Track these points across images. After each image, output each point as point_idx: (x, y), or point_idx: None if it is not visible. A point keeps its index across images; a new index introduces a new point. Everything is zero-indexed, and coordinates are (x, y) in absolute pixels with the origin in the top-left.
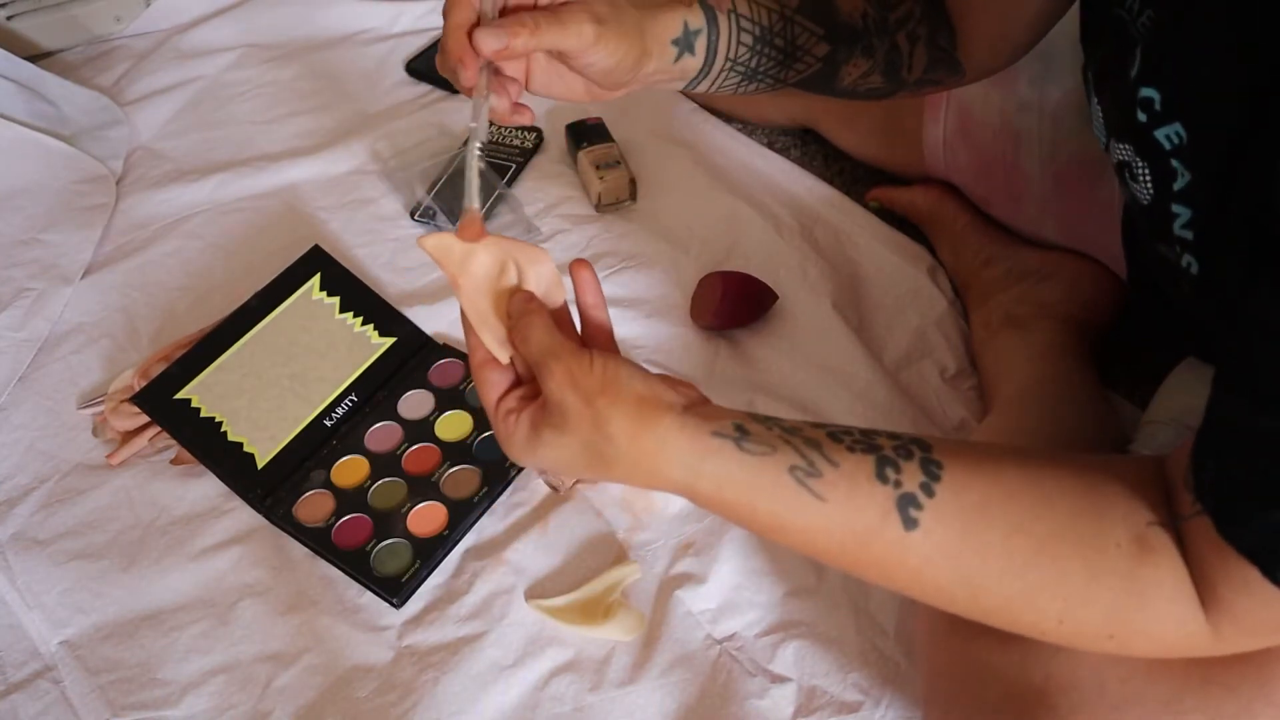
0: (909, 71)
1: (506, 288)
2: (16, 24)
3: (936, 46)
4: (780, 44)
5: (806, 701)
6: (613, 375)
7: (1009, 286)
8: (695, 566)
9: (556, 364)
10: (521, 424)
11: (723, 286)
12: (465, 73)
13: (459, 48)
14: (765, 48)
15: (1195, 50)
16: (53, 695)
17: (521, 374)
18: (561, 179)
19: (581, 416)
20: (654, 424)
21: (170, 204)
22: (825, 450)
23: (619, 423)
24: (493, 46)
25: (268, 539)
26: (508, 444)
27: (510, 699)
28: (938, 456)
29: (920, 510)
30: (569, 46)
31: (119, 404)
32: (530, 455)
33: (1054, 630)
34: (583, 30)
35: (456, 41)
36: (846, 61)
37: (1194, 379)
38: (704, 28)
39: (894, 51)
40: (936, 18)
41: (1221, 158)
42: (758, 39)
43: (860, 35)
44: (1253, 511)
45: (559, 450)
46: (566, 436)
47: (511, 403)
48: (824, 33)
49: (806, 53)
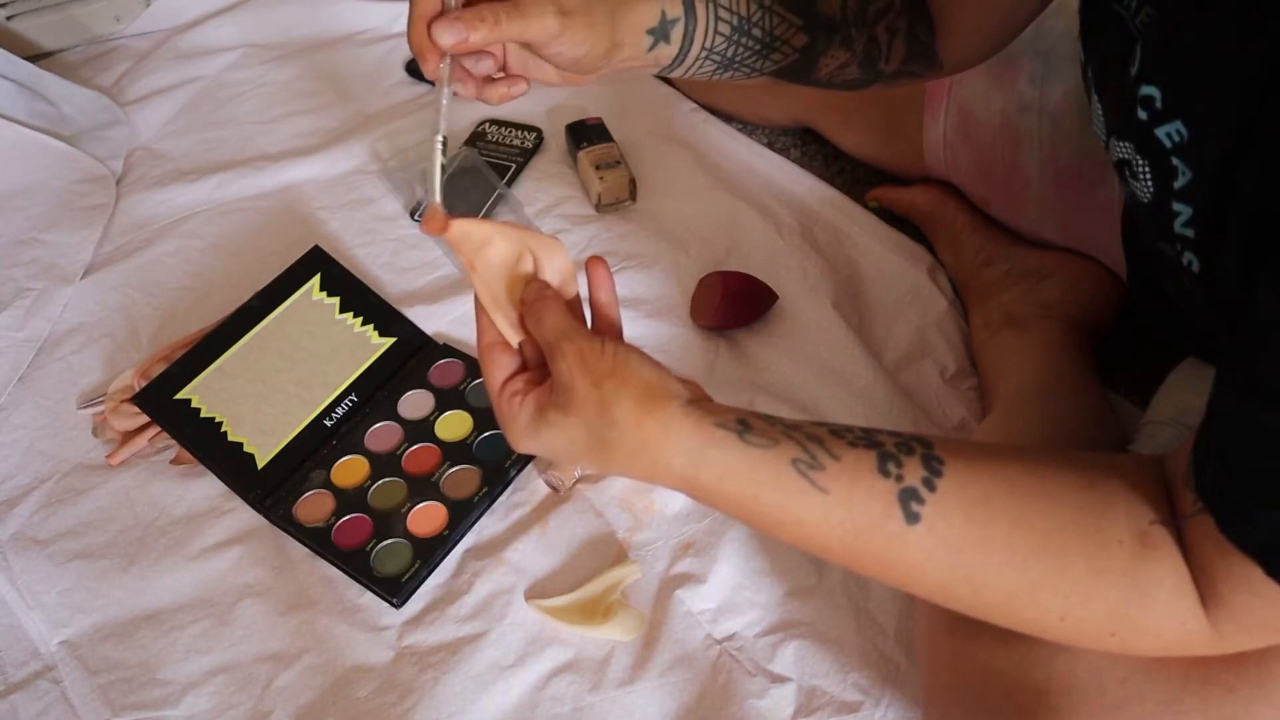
0: (886, 63)
1: (521, 275)
2: (16, 24)
3: (915, 39)
4: (758, 34)
5: (806, 701)
6: (623, 361)
7: (1009, 286)
8: (695, 566)
9: (569, 345)
10: (527, 405)
11: (723, 286)
12: (426, 65)
13: (420, 40)
14: (742, 38)
15: (1196, 47)
16: (53, 695)
17: (529, 360)
18: (561, 179)
19: (588, 398)
20: (659, 411)
21: (170, 204)
22: (827, 445)
23: (624, 406)
24: (449, 41)
25: (268, 539)
26: (511, 425)
27: (510, 699)
28: (939, 453)
29: (922, 505)
30: (532, 39)
31: (119, 404)
32: (532, 438)
33: (1055, 627)
34: (545, 24)
35: (418, 33)
36: (824, 53)
37: (1194, 379)
38: (681, 17)
39: (872, 44)
40: (915, 11)
41: (1223, 155)
42: (735, 29)
43: (839, 27)
44: (1254, 509)
45: (562, 433)
46: (571, 418)
47: (518, 385)
48: (802, 24)
49: (784, 43)
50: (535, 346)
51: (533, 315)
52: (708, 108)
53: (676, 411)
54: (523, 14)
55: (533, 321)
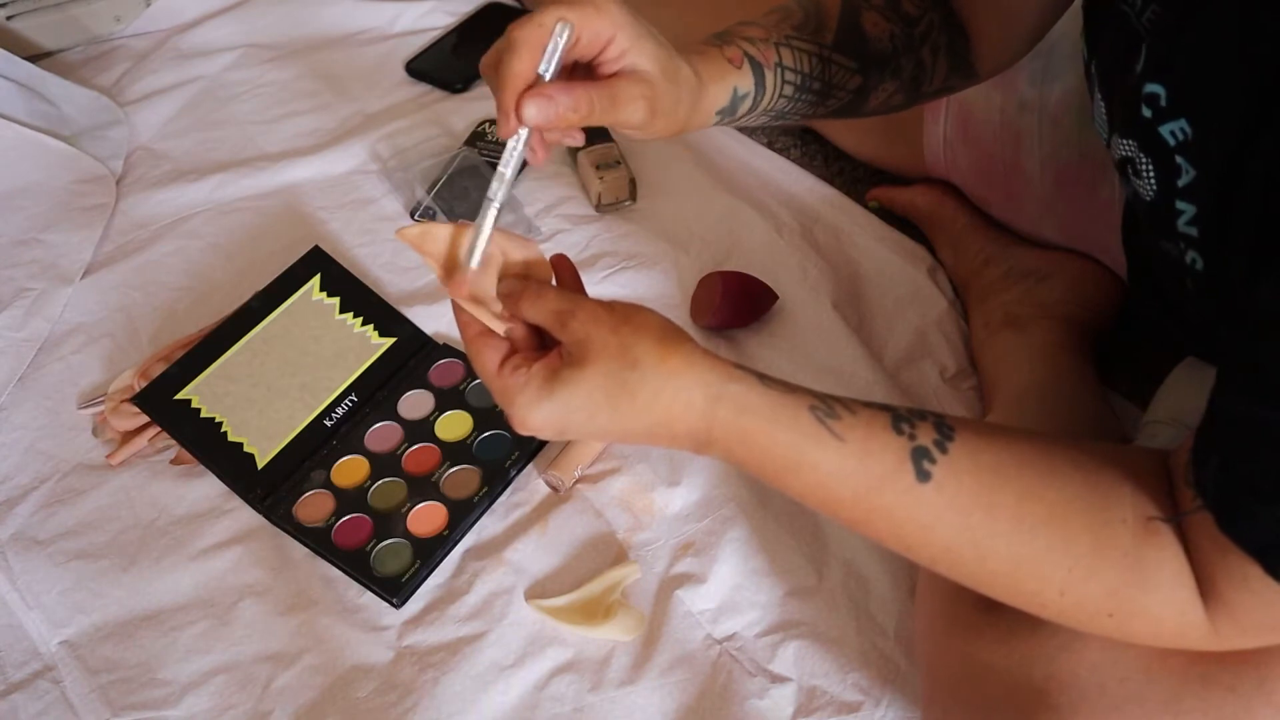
0: (930, 84)
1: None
2: (16, 24)
3: (955, 54)
4: (818, 87)
5: (806, 701)
6: (634, 310)
7: (1009, 286)
8: (695, 566)
9: (579, 309)
10: (535, 373)
11: (723, 286)
12: (504, 126)
13: (507, 107)
14: (803, 94)
15: (1201, 46)
16: (53, 695)
17: (518, 344)
18: (561, 179)
19: (605, 345)
20: (680, 347)
21: (170, 204)
22: (843, 401)
23: (646, 345)
24: (538, 120)
25: (268, 539)
26: (517, 397)
27: (510, 699)
28: (951, 423)
29: (934, 464)
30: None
31: (119, 404)
32: (546, 401)
33: (1055, 602)
34: (634, 116)
35: (506, 100)
36: (876, 88)
37: (1194, 379)
38: (750, 91)
39: (919, 68)
40: (952, 26)
41: (1227, 153)
42: (798, 88)
43: (889, 59)
44: (1255, 507)
45: (578, 388)
46: (588, 369)
47: (517, 361)
48: (857, 65)
49: (840, 88)
50: (525, 331)
51: (529, 296)
52: None
53: (696, 349)
54: (616, 106)
55: (529, 302)
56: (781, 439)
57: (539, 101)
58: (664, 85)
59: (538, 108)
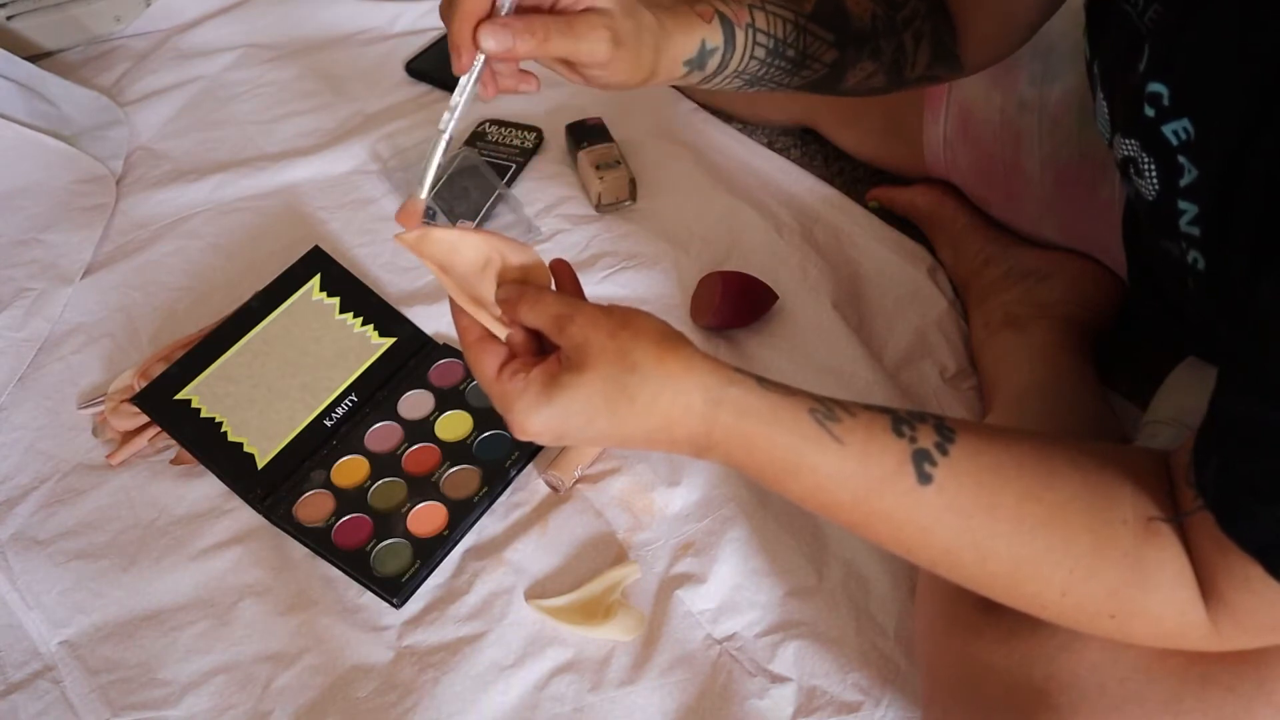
0: (911, 69)
1: (494, 276)
2: (16, 24)
3: (939, 43)
4: (791, 54)
5: (806, 701)
6: (633, 315)
7: (1009, 286)
8: (695, 566)
9: (577, 313)
10: (534, 379)
11: (723, 286)
12: (458, 60)
13: (461, 35)
14: (776, 59)
15: (1203, 45)
16: (53, 695)
17: (517, 349)
18: (561, 179)
19: (604, 349)
20: (679, 350)
21: (170, 204)
22: (842, 404)
23: (645, 349)
24: (493, 46)
25: (268, 539)
26: (516, 402)
27: (510, 699)
28: (951, 425)
29: (934, 466)
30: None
31: (119, 404)
32: (544, 407)
33: (1056, 602)
34: (595, 49)
35: (460, 30)
36: (853, 65)
37: (1194, 379)
38: (720, 46)
39: (900, 51)
40: (939, 15)
41: (1229, 153)
42: (770, 51)
43: (869, 38)
44: (1256, 507)
45: (577, 392)
46: (587, 374)
47: (516, 366)
48: (834, 39)
49: (815, 59)
50: (524, 336)
51: (528, 301)
52: (708, 108)
53: (695, 353)
54: (575, 34)
55: (528, 307)
56: (781, 442)
57: (494, 29)
58: (625, 22)
59: (494, 35)
